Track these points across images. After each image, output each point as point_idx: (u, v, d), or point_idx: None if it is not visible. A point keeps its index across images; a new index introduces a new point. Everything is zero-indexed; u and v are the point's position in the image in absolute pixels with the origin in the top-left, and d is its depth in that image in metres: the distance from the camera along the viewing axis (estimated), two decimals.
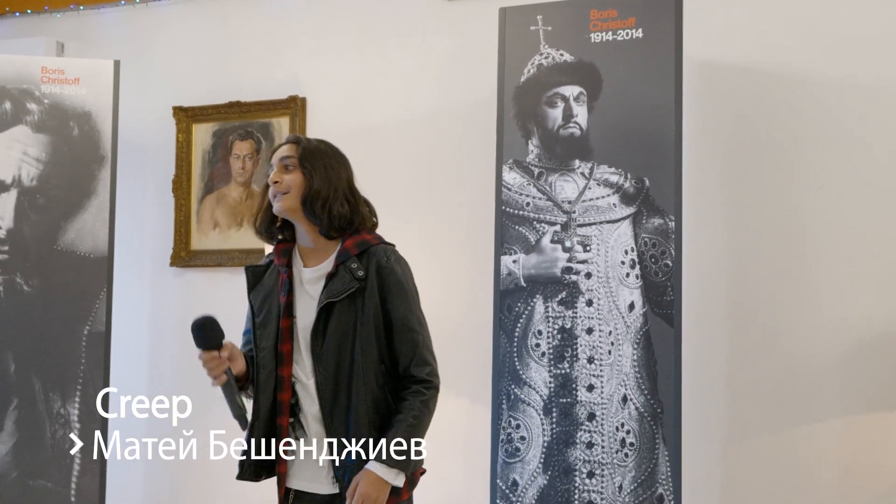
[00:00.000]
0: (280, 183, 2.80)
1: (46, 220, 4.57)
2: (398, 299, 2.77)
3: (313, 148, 2.84)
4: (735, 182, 4.16)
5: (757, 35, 4.16)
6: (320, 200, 2.77)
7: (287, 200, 2.79)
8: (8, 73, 4.60)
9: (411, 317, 2.78)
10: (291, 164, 2.81)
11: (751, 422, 4.12)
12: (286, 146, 2.86)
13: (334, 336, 2.75)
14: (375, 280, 2.76)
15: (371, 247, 2.81)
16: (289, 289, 2.83)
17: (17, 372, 4.50)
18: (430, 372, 2.78)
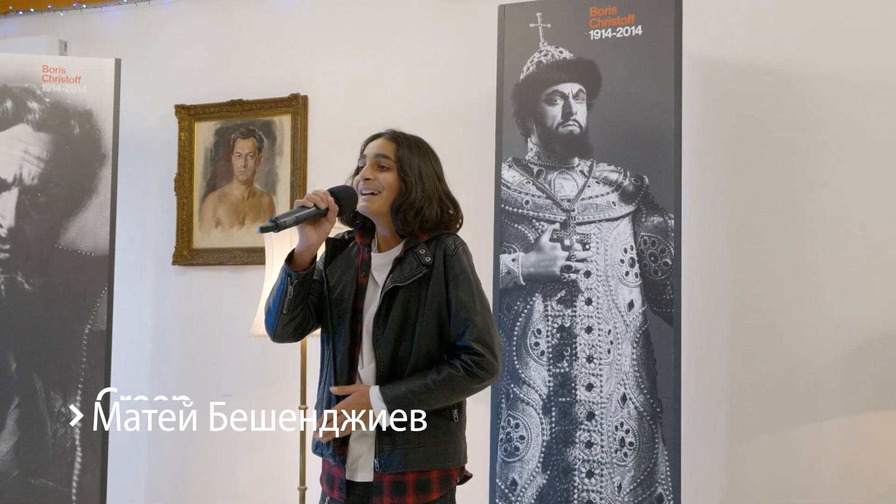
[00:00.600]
0: (373, 181, 2.70)
1: (48, 218, 4.57)
2: (461, 288, 2.66)
3: (413, 149, 2.75)
4: (736, 180, 4.14)
5: (757, 32, 4.14)
6: (414, 209, 2.69)
7: (377, 202, 2.71)
8: (9, 71, 4.60)
9: (472, 305, 2.66)
10: (388, 164, 2.71)
11: (752, 421, 4.10)
12: (383, 142, 2.76)
13: (395, 322, 2.66)
14: (442, 266, 2.67)
15: (441, 234, 2.73)
16: (366, 268, 2.76)
17: (19, 371, 4.50)
18: (481, 354, 2.64)
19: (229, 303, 4.95)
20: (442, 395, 2.63)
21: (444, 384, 2.62)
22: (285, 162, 4.90)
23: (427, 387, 2.61)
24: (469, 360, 2.63)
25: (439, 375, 2.62)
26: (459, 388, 2.64)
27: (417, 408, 2.63)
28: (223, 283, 5.00)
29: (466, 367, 2.63)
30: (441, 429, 2.69)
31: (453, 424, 2.72)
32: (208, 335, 5.04)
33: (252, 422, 4.82)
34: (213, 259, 5.00)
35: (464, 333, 2.64)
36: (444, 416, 2.69)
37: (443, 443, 2.69)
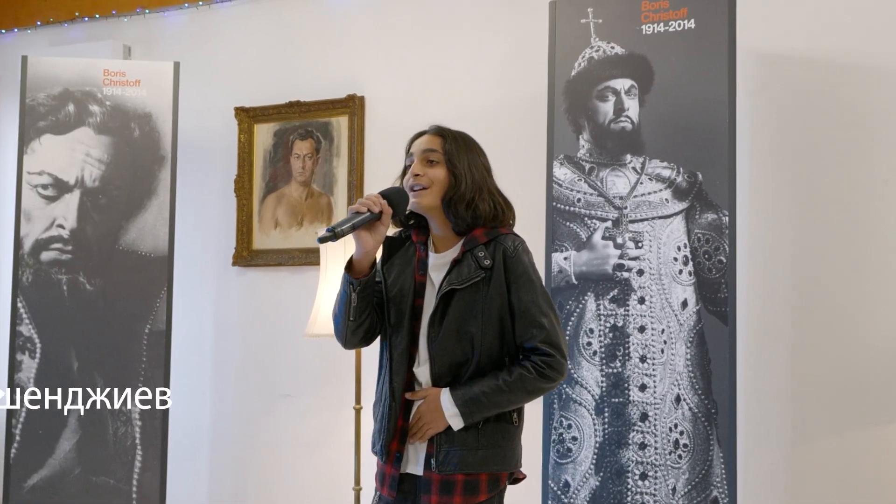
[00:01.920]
0: (422, 177, 2.68)
1: (108, 220, 4.65)
2: (524, 289, 2.62)
3: (459, 142, 2.73)
4: (794, 176, 4.04)
5: (816, 23, 4.03)
6: (465, 201, 2.66)
7: (428, 197, 2.68)
8: (71, 76, 4.69)
9: (537, 307, 2.61)
10: (436, 158, 2.69)
11: (813, 423, 3.99)
12: (429, 137, 2.73)
13: (452, 325, 2.63)
14: (502, 269, 2.63)
15: (500, 235, 2.69)
16: (424, 267, 2.74)
17: (80, 370, 4.58)
18: (551, 355, 2.60)
19: (288, 303, 4.97)
20: (515, 397, 2.60)
21: (517, 385, 2.59)
22: (342, 162, 4.91)
23: (499, 388, 2.58)
24: (539, 361, 2.60)
25: (511, 377, 2.59)
26: (531, 389, 2.61)
27: (490, 410, 2.60)
28: (282, 283, 5.02)
29: (538, 368, 2.59)
30: (501, 432, 2.65)
31: (513, 428, 2.68)
32: (267, 335, 5.07)
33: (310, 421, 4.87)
34: (271, 260, 5.03)
35: (532, 336, 2.61)
36: (505, 419, 2.66)
37: (501, 447, 2.65)
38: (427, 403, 2.63)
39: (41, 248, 4.62)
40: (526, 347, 2.62)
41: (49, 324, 4.60)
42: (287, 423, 4.96)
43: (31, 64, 4.69)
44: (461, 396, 2.59)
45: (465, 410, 2.58)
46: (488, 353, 2.62)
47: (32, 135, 4.65)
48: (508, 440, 2.67)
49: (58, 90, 4.67)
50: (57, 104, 4.66)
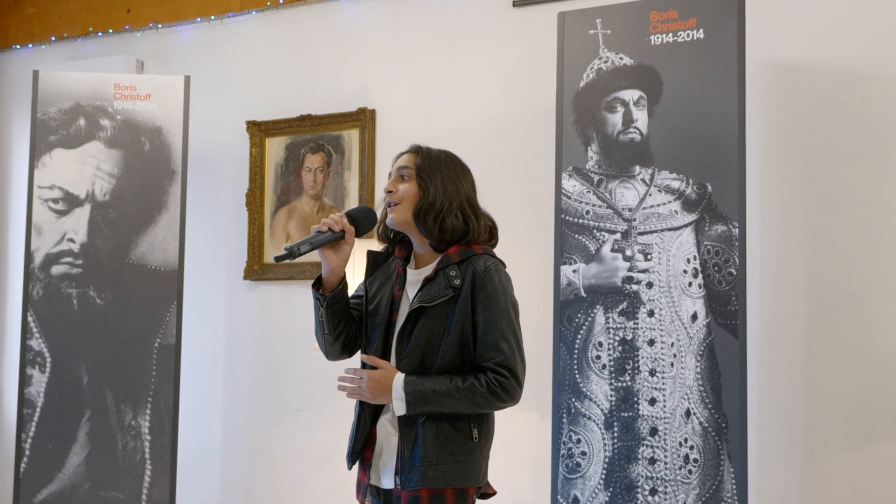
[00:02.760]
0: (394, 193, 2.77)
1: (118, 233, 4.65)
2: (489, 310, 2.68)
3: (433, 158, 2.80)
4: (806, 187, 3.98)
5: (825, 32, 3.98)
6: (433, 213, 2.72)
7: (399, 212, 2.76)
8: (83, 90, 4.70)
9: (498, 329, 2.68)
10: (408, 174, 2.77)
11: (827, 438, 3.92)
12: (406, 156, 2.82)
13: (419, 342, 2.71)
14: (469, 288, 2.69)
15: (473, 255, 2.75)
16: (402, 283, 2.82)
17: (90, 384, 4.58)
18: (507, 377, 2.66)
19: (299, 317, 4.95)
20: (461, 404, 2.66)
21: (466, 394, 2.65)
22: (354, 176, 4.90)
23: (449, 391, 2.64)
24: (493, 379, 2.66)
25: (463, 384, 2.64)
26: (478, 402, 2.66)
27: (434, 408, 2.66)
28: (293, 297, 5.01)
29: (490, 384, 2.66)
30: (461, 448, 2.70)
31: (472, 444, 2.73)
32: (278, 349, 5.05)
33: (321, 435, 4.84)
34: (283, 274, 5.02)
35: (489, 358, 2.67)
36: (463, 434, 2.71)
37: (461, 462, 2.70)
38: (380, 375, 2.69)
39: (51, 262, 4.62)
40: (482, 366, 2.69)
41: (59, 338, 4.60)
42: (298, 437, 4.93)
43: (43, 78, 4.70)
44: (412, 385, 2.65)
45: (410, 399, 2.64)
46: (448, 367, 2.69)
47: (43, 149, 4.66)
48: (469, 455, 2.72)
49: (69, 104, 4.68)
50: (68, 118, 4.67)
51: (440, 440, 2.68)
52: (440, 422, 2.68)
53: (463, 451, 2.70)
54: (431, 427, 2.68)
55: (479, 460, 2.74)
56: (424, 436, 2.68)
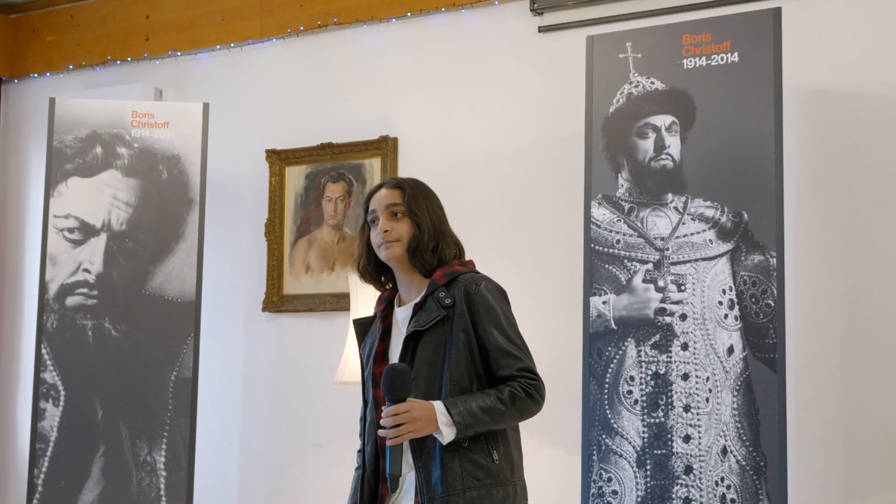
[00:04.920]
0: (391, 231, 2.75)
1: (135, 264, 4.55)
2: (491, 325, 2.67)
3: (417, 193, 2.80)
4: (844, 215, 3.85)
5: (864, 56, 3.86)
6: (430, 248, 2.74)
7: (398, 248, 2.75)
8: (99, 118, 4.62)
9: (507, 340, 2.67)
10: (400, 211, 2.77)
11: (869, 477, 3.77)
12: (391, 192, 2.80)
13: (423, 366, 2.67)
14: (464, 306, 2.67)
15: (460, 275, 2.74)
16: (384, 335, 2.81)
17: (105, 418, 4.46)
18: (535, 380, 2.66)
19: (319, 350, 4.84)
20: (507, 415, 2.61)
21: (510, 402, 2.61)
22: None
23: (494, 404, 2.60)
24: (526, 384, 2.64)
25: (503, 394, 2.62)
26: (521, 408, 2.63)
27: (484, 425, 2.59)
28: (313, 329, 4.89)
29: (526, 389, 2.63)
30: (483, 471, 2.62)
31: (494, 467, 2.64)
32: (297, 383, 4.93)
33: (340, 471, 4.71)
34: (302, 305, 4.90)
35: (508, 366, 2.66)
36: (482, 457, 2.63)
37: (487, 487, 2.62)
38: (419, 404, 2.57)
39: (66, 293, 4.52)
40: (503, 376, 2.66)
41: (73, 371, 4.49)
42: (317, 473, 4.80)
43: (59, 106, 4.62)
44: (456, 406, 2.57)
45: (459, 420, 2.55)
46: (459, 388, 2.64)
47: (59, 177, 4.57)
48: (493, 479, 2.63)
49: (85, 132, 4.60)
50: (84, 146, 4.59)
51: (463, 466, 2.60)
52: (458, 449, 2.60)
53: (486, 474, 2.62)
54: (450, 454, 2.60)
55: (505, 485, 2.65)
56: (444, 463, 2.59)
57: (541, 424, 4.26)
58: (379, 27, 4.90)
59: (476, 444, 2.62)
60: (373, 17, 4.87)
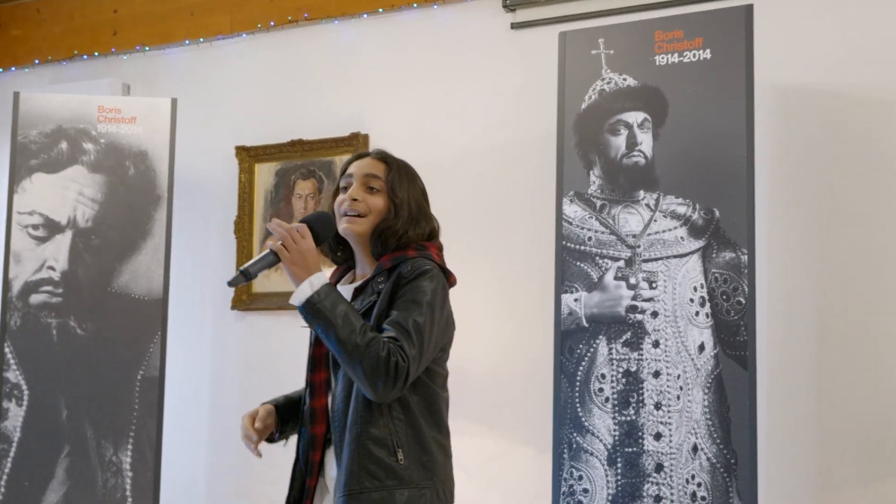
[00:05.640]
0: (360, 202, 2.53)
1: (101, 261, 4.48)
2: (401, 307, 2.41)
3: (402, 173, 2.58)
4: (816, 213, 3.85)
5: (834, 56, 3.86)
6: (397, 234, 2.51)
7: (362, 224, 2.53)
8: (66, 112, 4.55)
9: (404, 319, 2.38)
10: (377, 185, 2.54)
11: (840, 474, 3.76)
12: (373, 162, 2.58)
13: None
14: (390, 291, 2.44)
15: (405, 259, 2.49)
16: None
17: (70, 418, 4.39)
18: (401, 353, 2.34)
19: (289, 349, 4.75)
20: (354, 346, 2.31)
21: (365, 339, 2.31)
22: None
23: (354, 324, 2.32)
24: (393, 349, 2.34)
25: (368, 331, 2.34)
26: (369, 356, 2.31)
27: (327, 326, 2.33)
28: (283, 328, 4.84)
29: (389, 352, 2.33)
30: (384, 470, 2.41)
31: (399, 468, 2.42)
32: (268, 382, 4.83)
33: None
34: (272, 303, 4.85)
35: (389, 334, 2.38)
36: (385, 454, 2.42)
37: (388, 489, 2.41)
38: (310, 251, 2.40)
39: (30, 291, 4.44)
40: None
41: (37, 370, 4.41)
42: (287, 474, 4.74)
43: (24, 100, 4.55)
44: (330, 293, 2.36)
45: (317, 298, 2.34)
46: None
47: (23, 173, 4.50)
48: (398, 481, 2.42)
49: (50, 127, 4.52)
50: (49, 142, 4.51)
51: (361, 463, 2.41)
52: (360, 447, 2.41)
53: (388, 475, 2.41)
54: (355, 448, 2.41)
55: (413, 488, 2.43)
56: (344, 463, 2.42)
57: (512, 423, 4.29)
58: (350, 23, 4.85)
59: (380, 443, 2.42)
60: (344, 12, 4.83)
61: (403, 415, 2.45)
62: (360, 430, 2.42)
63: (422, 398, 2.48)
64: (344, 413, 2.46)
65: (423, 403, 2.48)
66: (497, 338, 4.34)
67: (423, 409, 2.48)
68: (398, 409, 2.45)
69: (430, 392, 2.50)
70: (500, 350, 4.33)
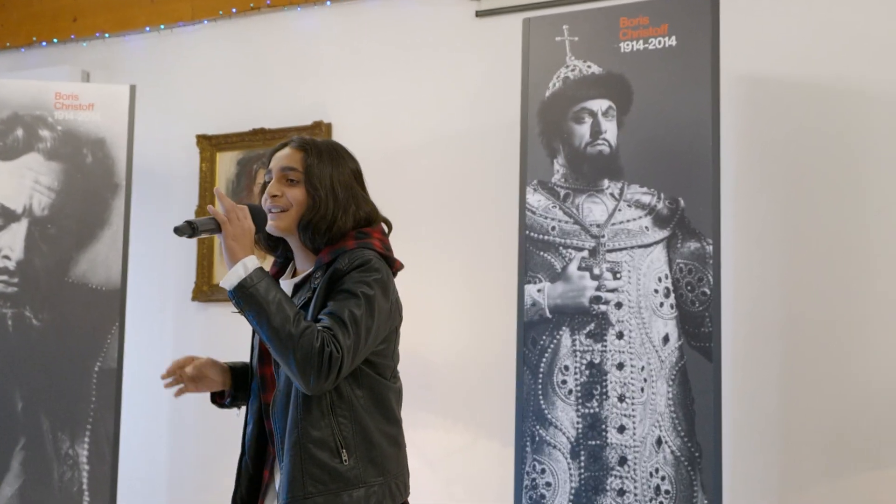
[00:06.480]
0: (280, 197, 2.42)
1: (57, 250, 4.38)
2: (337, 298, 2.30)
3: (324, 157, 2.45)
4: (782, 203, 3.81)
5: (800, 46, 3.82)
6: (326, 224, 2.40)
7: (285, 219, 2.42)
8: (22, 98, 4.44)
9: (339, 310, 2.27)
10: (295, 176, 2.43)
11: (806, 469, 3.74)
12: (291, 153, 2.46)
13: None
14: (326, 286, 2.33)
15: (343, 252, 2.38)
16: None
17: (25, 410, 4.29)
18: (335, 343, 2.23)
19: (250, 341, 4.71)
20: (286, 334, 2.20)
21: (298, 327, 2.21)
22: None
23: (287, 312, 2.23)
24: (328, 338, 2.23)
25: (302, 319, 2.24)
26: (301, 345, 2.20)
27: (258, 311, 2.25)
28: (244, 320, 4.73)
29: (323, 342, 2.22)
30: (328, 474, 2.32)
31: (344, 469, 2.33)
32: None
33: None
34: None
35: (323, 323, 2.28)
36: (328, 455, 2.33)
37: (334, 493, 2.32)
38: (248, 229, 2.32)
39: None
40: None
41: None
42: None
43: None
44: (263, 276, 2.27)
45: (250, 282, 2.25)
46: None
47: None
48: (343, 483, 2.34)
49: (6, 114, 4.42)
50: (4, 129, 4.40)
51: (304, 467, 2.32)
52: (301, 451, 2.32)
53: (332, 478, 2.32)
54: (296, 452, 2.32)
55: (361, 487, 2.35)
56: (287, 468, 2.33)
57: (476, 416, 4.24)
58: (313, 10, 4.78)
59: (322, 445, 2.32)
60: (307, 0, 4.77)
61: (348, 412, 2.36)
62: (301, 433, 2.33)
63: (367, 392, 2.39)
64: (283, 415, 2.37)
65: (368, 397, 2.39)
66: (460, 329, 4.28)
67: (368, 404, 2.39)
68: (341, 407, 2.35)
69: (377, 384, 2.41)
70: (463, 341, 4.28)
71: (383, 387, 2.42)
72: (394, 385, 2.47)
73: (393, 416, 2.44)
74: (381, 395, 2.42)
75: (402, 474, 2.45)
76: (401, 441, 2.47)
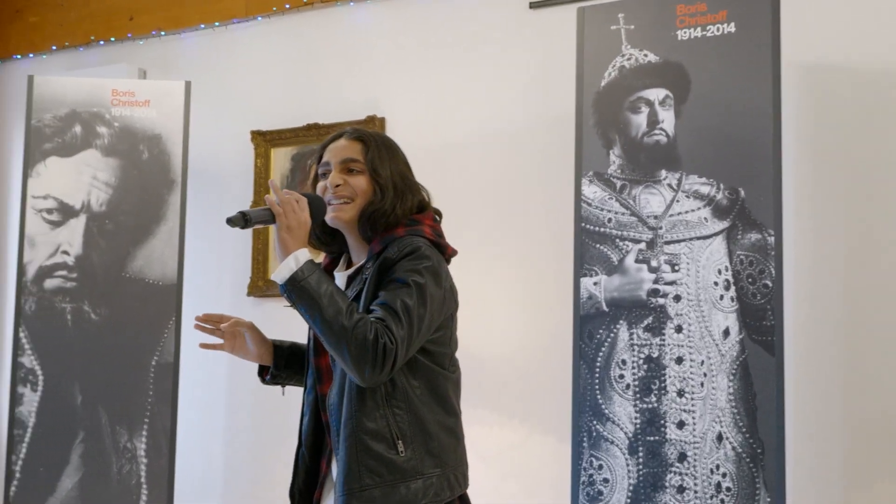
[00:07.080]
0: (344, 186, 2.38)
1: (115, 246, 4.43)
2: (389, 288, 2.26)
3: (382, 148, 2.42)
4: (845, 193, 3.73)
5: (865, 30, 3.73)
6: (387, 216, 2.36)
7: (349, 210, 2.38)
8: (79, 96, 4.49)
9: (394, 299, 2.23)
10: (358, 168, 2.39)
11: (871, 465, 3.65)
12: (349, 143, 2.42)
13: None
14: (376, 276, 2.30)
15: (393, 240, 2.34)
16: None
17: (84, 404, 4.35)
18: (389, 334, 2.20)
19: (305, 335, 4.71)
20: (340, 327, 2.17)
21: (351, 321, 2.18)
22: None
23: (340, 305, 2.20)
24: (381, 330, 2.19)
25: (355, 312, 2.20)
26: (355, 338, 2.16)
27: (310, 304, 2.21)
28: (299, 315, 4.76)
29: (377, 334, 2.18)
30: (385, 466, 2.28)
31: (400, 460, 2.29)
32: None
33: None
34: None
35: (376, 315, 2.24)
36: (385, 448, 2.29)
37: (391, 485, 2.28)
38: (304, 221, 2.30)
39: (45, 276, 4.40)
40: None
41: (52, 355, 4.37)
42: None
43: (38, 84, 4.50)
44: (315, 269, 2.23)
45: (301, 275, 2.21)
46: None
47: (38, 157, 4.45)
48: (400, 475, 2.29)
49: (64, 111, 4.47)
50: (63, 125, 4.46)
51: (360, 459, 2.28)
52: (358, 442, 2.28)
53: (390, 470, 2.28)
54: (351, 444, 2.28)
55: (418, 479, 2.31)
56: (345, 456, 2.29)
57: (531, 411, 4.20)
58: (366, 4, 4.77)
59: (377, 437, 2.29)
60: None
61: (403, 402, 2.32)
62: (356, 425, 2.30)
63: (423, 382, 2.35)
64: (339, 407, 2.33)
65: (425, 388, 2.35)
66: (515, 324, 4.25)
67: (425, 394, 2.35)
68: (396, 398, 2.32)
69: (433, 374, 2.37)
70: (518, 336, 4.24)
71: (440, 377, 2.38)
72: (451, 375, 2.42)
73: (451, 406, 2.40)
74: (438, 386, 2.38)
75: (461, 465, 2.41)
76: (459, 432, 2.43)
